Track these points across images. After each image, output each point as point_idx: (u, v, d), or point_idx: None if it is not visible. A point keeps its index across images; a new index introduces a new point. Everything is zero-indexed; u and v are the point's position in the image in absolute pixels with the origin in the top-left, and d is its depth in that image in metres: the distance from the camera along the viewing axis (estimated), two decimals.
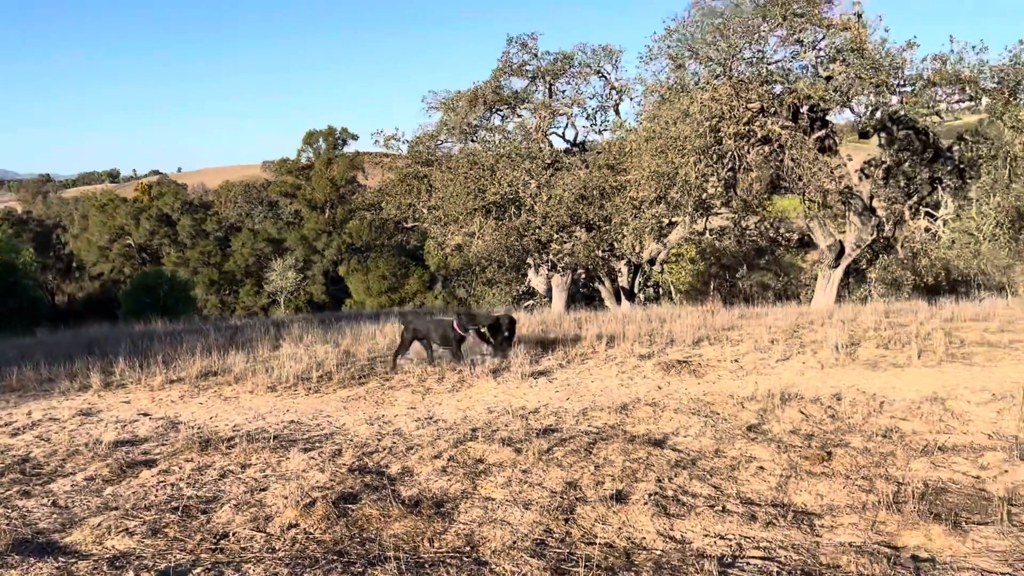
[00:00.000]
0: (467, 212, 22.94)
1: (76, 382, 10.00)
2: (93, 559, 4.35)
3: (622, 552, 4.28)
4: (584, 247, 21.96)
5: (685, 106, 18.86)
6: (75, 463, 6.38)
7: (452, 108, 25.61)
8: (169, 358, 11.01)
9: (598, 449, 6.05)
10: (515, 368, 9.58)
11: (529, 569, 4.03)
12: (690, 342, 10.77)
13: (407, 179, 26.66)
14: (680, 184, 18.82)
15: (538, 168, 22.91)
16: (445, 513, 4.93)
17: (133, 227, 68.57)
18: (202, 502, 5.30)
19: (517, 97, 25.68)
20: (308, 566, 4.10)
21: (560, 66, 25.04)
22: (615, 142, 23.40)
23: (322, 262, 65.62)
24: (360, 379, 9.72)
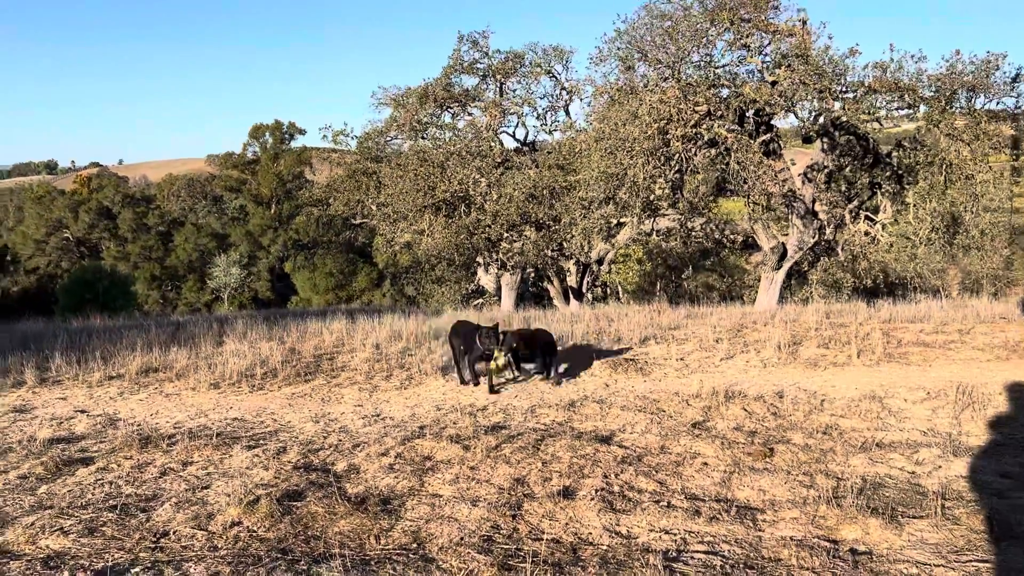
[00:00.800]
0: (416, 209, 22.83)
1: (9, 378, 9.65)
2: (26, 559, 4.22)
3: (569, 547, 4.31)
4: (534, 246, 22.06)
5: (634, 108, 19.03)
6: (7, 461, 6.16)
7: (402, 104, 25.46)
8: (108, 354, 10.70)
9: (546, 446, 6.08)
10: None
11: (476, 565, 4.03)
12: (637, 340, 10.88)
13: (356, 175, 26.43)
14: (628, 185, 19.00)
15: (488, 167, 22.92)
16: (392, 510, 4.90)
17: (71, 220, 66.60)
18: (141, 500, 5.18)
19: (468, 95, 25.65)
20: (251, 564, 4.04)
21: (511, 65, 25.08)
22: (565, 142, 23.55)
23: (268, 258, 64.62)
24: (306, 376, 9.59)
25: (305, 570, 3.92)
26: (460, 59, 24.93)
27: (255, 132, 69.83)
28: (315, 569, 3.94)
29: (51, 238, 66.59)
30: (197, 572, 3.91)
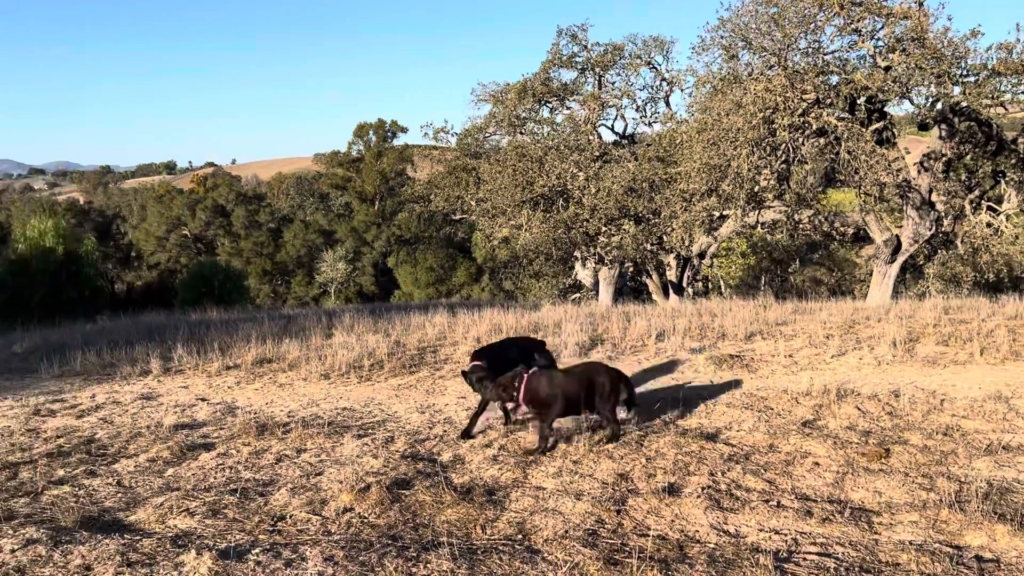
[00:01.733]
0: (515, 204, 22.94)
1: (137, 367, 10.29)
2: (156, 537, 4.49)
3: (675, 544, 4.27)
4: (632, 240, 21.80)
5: (738, 97, 18.55)
6: (137, 445, 6.57)
7: (501, 100, 25.62)
8: (225, 345, 11.24)
9: (649, 442, 6.02)
10: (564, 361, 9.58)
11: (581, 559, 4.03)
12: (742, 337, 10.62)
13: (455, 171, 26.79)
14: (732, 176, 18.54)
15: (587, 160, 22.80)
16: (497, 501, 4.96)
17: (189, 218, 70.14)
18: (259, 485, 5.43)
19: (566, 89, 25.58)
20: (363, 549, 4.17)
21: (610, 57, 24.85)
22: (665, 134, 23.16)
23: (371, 253, 66.31)
24: (411, 368, 9.81)
25: (415, 557, 4.02)
26: (559, 53, 24.88)
27: (359, 131, 71.75)
28: (424, 556, 4.03)
29: (171, 235, 70.30)
30: (313, 555, 4.06)
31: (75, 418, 7.73)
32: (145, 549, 4.25)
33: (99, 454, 6.36)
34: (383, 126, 70.77)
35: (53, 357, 11.11)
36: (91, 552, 4.18)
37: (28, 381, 10.07)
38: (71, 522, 4.76)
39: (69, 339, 13.45)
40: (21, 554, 4.19)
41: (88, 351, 11.17)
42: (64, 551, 4.21)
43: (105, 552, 4.18)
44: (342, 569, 3.89)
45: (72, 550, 4.22)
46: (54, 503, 5.18)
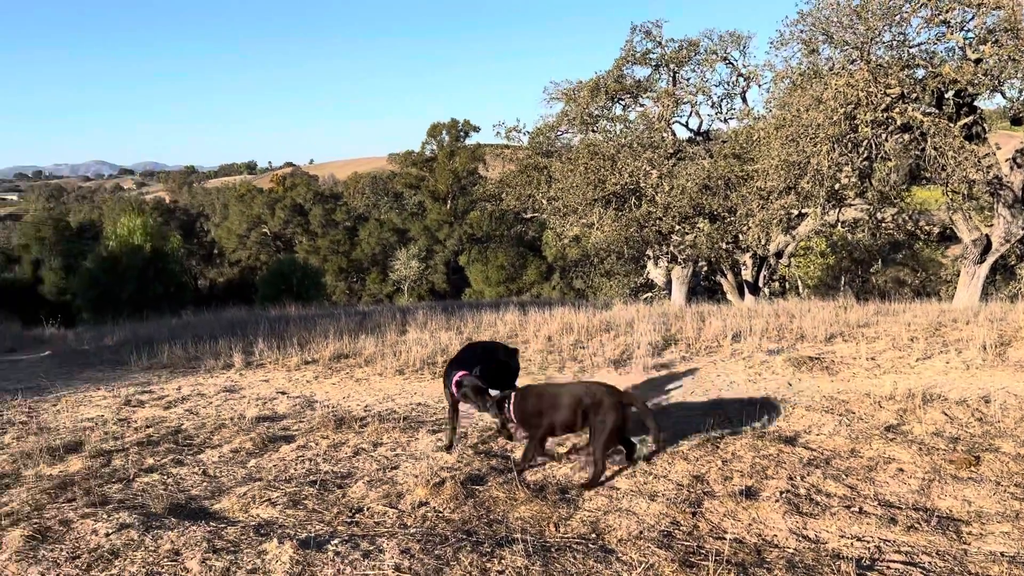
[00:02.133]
0: (586, 203, 22.85)
1: (220, 361, 10.65)
2: (240, 525, 4.64)
3: (753, 548, 4.19)
4: (707, 239, 21.46)
5: (818, 93, 18.06)
6: (221, 436, 6.80)
7: (573, 98, 25.52)
8: (304, 341, 11.53)
9: (726, 444, 5.92)
10: (637, 360, 9.51)
11: (656, 560, 4.00)
12: (822, 338, 10.34)
13: (527, 170, 26.82)
14: (811, 174, 18.07)
15: (660, 158, 22.53)
16: (570, 500, 4.96)
17: (269, 216, 72.20)
18: (337, 477, 5.55)
19: (640, 86, 25.33)
20: (438, 543, 4.22)
21: (685, 53, 24.51)
22: (742, 130, 22.72)
23: (443, 252, 67.07)
24: None
25: (489, 552, 4.06)
26: (633, 50, 24.66)
27: (432, 131, 72.65)
28: (499, 552, 4.06)
29: (251, 233, 72.52)
30: (390, 547, 4.14)
31: (163, 409, 8.05)
32: (229, 537, 4.40)
33: (186, 444, 6.61)
34: (456, 126, 71.46)
35: (142, 350, 11.60)
36: (180, 538, 4.35)
37: (119, 372, 10.53)
38: (160, 509, 4.97)
39: (156, 333, 14.01)
40: (115, 537, 4.39)
41: (174, 345, 11.62)
42: (155, 536, 4.39)
43: (192, 538, 4.34)
44: (418, 562, 3.95)
45: (162, 535, 4.40)
46: (144, 490, 5.41)
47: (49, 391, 9.09)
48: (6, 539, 4.44)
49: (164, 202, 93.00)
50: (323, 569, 3.90)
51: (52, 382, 9.72)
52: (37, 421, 7.61)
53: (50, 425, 7.41)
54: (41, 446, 6.35)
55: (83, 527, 4.58)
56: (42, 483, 5.49)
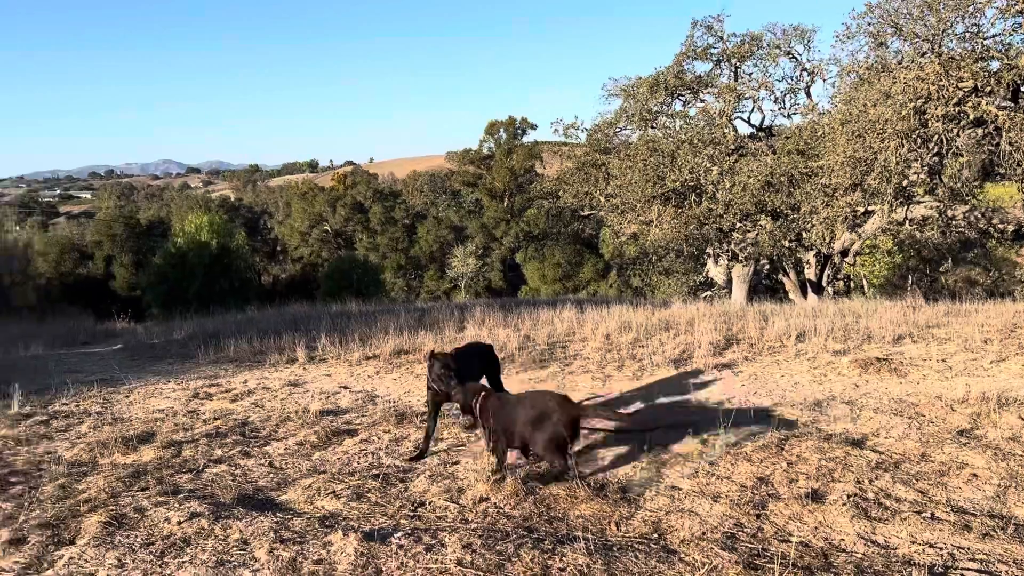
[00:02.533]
0: (645, 200, 22.63)
1: (284, 355, 10.88)
2: (305, 517, 4.74)
3: (819, 552, 4.10)
4: (769, 236, 21.06)
5: (886, 87, 17.57)
6: (286, 429, 6.95)
7: (632, 94, 25.31)
8: (364, 336, 11.70)
9: (790, 446, 5.80)
10: (698, 359, 9.39)
11: (720, 562, 3.95)
12: (890, 339, 10.06)
13: (585, 167, 26.70)
14: (879, 170, 17.60)
15: (721, 154, 22.18)
16: (631, 499, 4.93)
17: (330, 214, 73.40)
18: (399, 471, 5.62)
19: (700, 81, 24.97)
20: (500, 539, 4.24)
21: (747, 48, 24.07)
22: (806, 126, 22.23)
23: (500, 249, 67.28)
24: (541, 363, 9.88)
25: (550, 550, 4.06)
26: (693, 45, 24.34)
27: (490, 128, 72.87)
28: (560, 549, 4.06)
29: (313, 230, 73.83)
30: (451, 542, 4.17)
31: (230, 402, 8.26)
32: (296, 527, 4.50)
33: (252, 436, 6.78)
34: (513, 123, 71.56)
35: (209, 344, 11.92)
36: (248, 527, 4.46)
37: (188, 366, 10.85)
38: (229, 499, 5.10)
39: (222, 328, 14.38)
40: (187, 526, 4.53)
41: (240, 339, 11.91)
42: (224, 525, 4.51)
43: (260, 528, 4.45)
44: (480, 557, 3.97)
45: (231, 525, 4.52)
46: (213, 480, 5.56)
47: (122, 383, 9.41)
48: (85, 524, 4.62)
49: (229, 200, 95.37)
50: (387, 562, 3.95)
51: (124, 374, 10.07)
52: (111, 412, 7.88)
53: (123, 416, 7.67)
54: (116, 436, 6.58)
55: (156, 515, 4.73)
56: (117, 471, 5.69)
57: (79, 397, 8.59)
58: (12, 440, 6.74)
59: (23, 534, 4.48)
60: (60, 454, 6.27)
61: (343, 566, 3.93)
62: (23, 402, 8.04)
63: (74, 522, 4.67)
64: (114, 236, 57.51)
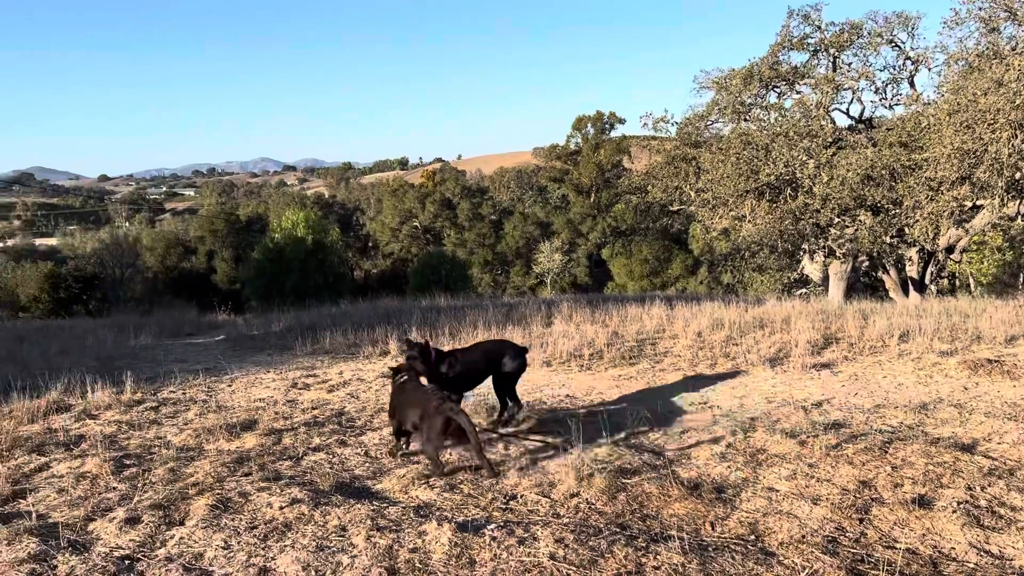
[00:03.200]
0: (738, 194, 22.12)
1: (377, 348, 11.12)
2: (400, 506, 4.83)
3: (927, 560, 3.93)
4: (869, 232, 20.27)
5: (999, 74, 16.66)
6: (380, 420, 7.10)
7: (725, 87, 24.76)
8: (454, 330, 11.85)
9: (895, 449, 5.58)
10: (795, 358, 9.13)
11: (821, 566, 3.83)
12: (1002, 340, 9.55)
13: (674, 161, 26.29)
14: (989, 162, 16.72)
15: (818, 147, 21.46)
16: (726, 499, 4.83)
17: (419, 210, 74.66)
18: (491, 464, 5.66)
19: (796, 72, 24.22)
20: (592, 535, 4.22)
21: (847, 37, 23.21)
22: (909, 117, 21.27)
23: (587, 245, 67.04)
24: (630, 360, 9.79)
25: (644, 547, 4.01)
26: (789, 35, 23.63)
27: (578, 124, 72.64)
28: (654, 548, 4.01)
29: (403, 226, 75.28)
30: (544, 536, 4.18)
31: (326, 392, 8.50)
32: (391, 516, 4.59)
33: (348, 426, 6.96)
34: (601, 118, 71.11)
35: (306, 336, 12.30)
36: (346, 514, 4.58)
37: (286, 357, 11.22)
38: (327, 486, 5.25)
39: (318, 320, 14.81)
40: (288, 511, 4.68)
41: (335, 332, 12.24)
42: (323, 512, 4.65)
43: (357, 515, 4.56)
44: (572, 552, 3.97)
45: (329, 511, 4.65)
46: (312, 468, 5.73)
47: (225, 372, 9.81)
48: (193, 507, 4.83)
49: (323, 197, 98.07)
50: (480, 553, 3.99)
51: (227, 364, 10.49)
52: (216, 400, 8.23)
53: (227, 404, 7.99)
54: (220, 423, 6.87)
55: (259, 500, 4.91)
56: (222, 457, 5.94)
57: (185, 385, 9.00)
58: (125, 424, 7.12)
59: (137, 514, 4.72)
60: (169, 439, 6.58)
61: (438, 555, 3.99)
62: (135, 389, 8.48)
63: (183, 504, 4.89)
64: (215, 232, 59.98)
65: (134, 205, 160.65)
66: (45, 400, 7.79)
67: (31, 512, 4.78)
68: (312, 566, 3.94)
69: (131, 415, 7.47)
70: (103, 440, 6.48)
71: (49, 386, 8.28)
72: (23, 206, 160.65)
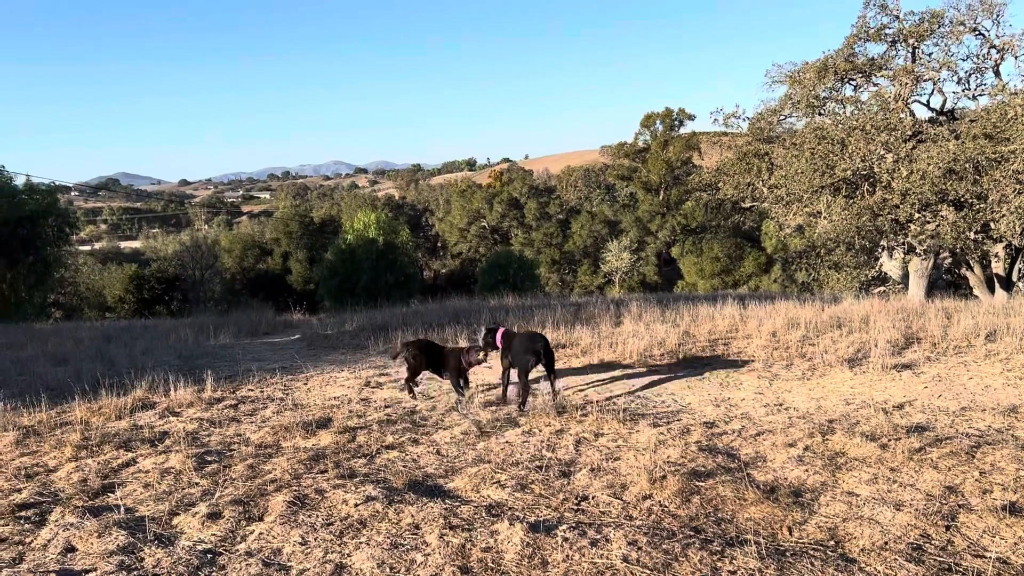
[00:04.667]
0: (812, 190, 21.54)
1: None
2: (472, 505, 4.87)
3: (1020, 570, 3.76)
4: (952, 228, 19.48)
5: None
6: (451, 418, 7.17)
7: (798, 80, 24.12)
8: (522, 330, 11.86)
9: (982, 454, 5.36)
10: (874, 359, 8.85)
11: (905, 574, 3.70)
12: None
13: (746, 157, 25.74)
14: None
15: (897, 140, 20.72)
16: (804, 504, 4.72)
17: (487, 210, 75.02)
18: (562, 464, 5.66)
19: (873, 64, 23.44)
20: (666, 537, 4.18)
21: (927, 26, 22.35)
22: (995, 107, 20.36)
23: (655, 243, 66.29)
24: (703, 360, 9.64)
25: (719, 551, 3.95)
26: (866, 25, 22.89)
27: (646, 121, 71.83)
28: (729, 552, 3.95)
29: (471, 227, 75.77)
30: (616, 538, 4.15)
31: (399, 391, 8.63)
32: (464, 515, 4.63)
33: (420, 424, 7.05)
34: (670, 115, 70.17)
35: (378, 335, 12.50)
36: (419, 512, 4.64)
37: (359, 356, 11.42)
38: (400, 484, 5.33)
39: (390, 320, 15.03)
40: (363, 508, 4.77)
41: (406, 331, 12.41)
42: (396, 510, 4.72)
43: (430, 514, 4.62)
44: (646, 554, 3.94)
45: (403, 509, 4.72)
46: (386, 465, 5.82)
47: (300, 371, 10.05)
48: (272, 503, 4.96)
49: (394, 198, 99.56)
50: (552, 553, 3.99)
51: (302, 363, 10.75)
52: (292, 398, 8.44)
53: (302, 402, 8.19)
54: (296, 421, 7.04)
55: (335, 497, 5.02)
56: (299, 454, 6.08)
57: (263, 384, 9.25)
58: (207, 422, 7.36)
59: (219, 509, 4.88)
60: (248, 436, 6.77)
61: (510, 555, 4.01)
62: (215, 387, 8.76)
63: (262, 500, 5.03)
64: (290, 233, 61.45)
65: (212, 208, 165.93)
66: (131, 397, 8.12)
67: (119, 506, 4.99)
68: (387, 563, 4.00)
69: (212, 412, 7.72)
70: (185, 437, 6.71)
71: (135, 384, 8.63)
72: (109, 211, 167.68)
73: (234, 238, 65.11)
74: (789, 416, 6.81)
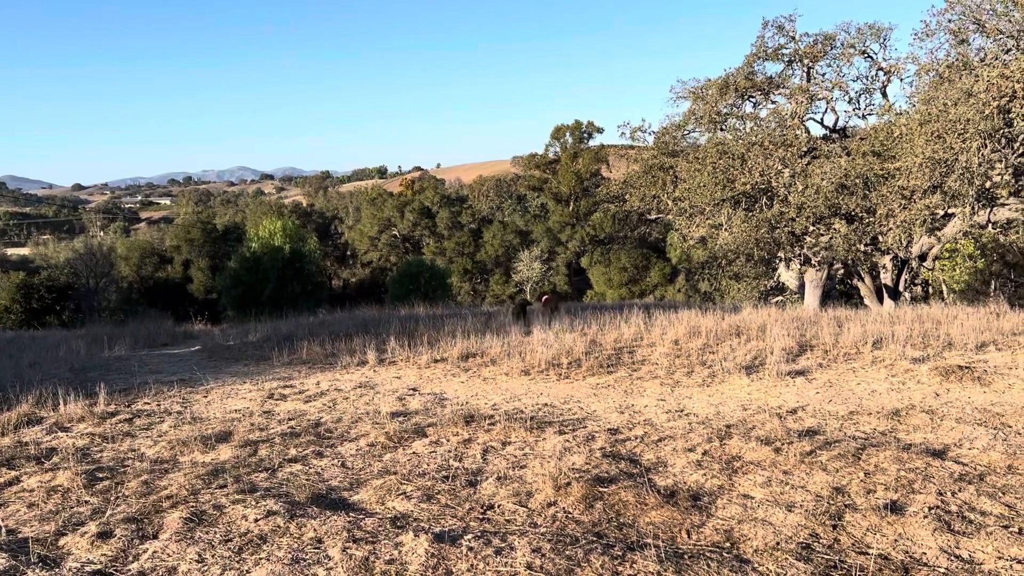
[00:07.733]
0: (714, 203, 22.29)
1: (355, 358, 11.08)
2: (377, 517, 4.81)
3: (899, 565, 3.98)
4: (843, 240, 20.49)
5: (968, 85, 16.95)
6: (358, 430, 7.08)
7: (701, 96, 24.97)
8: (433, 340, 11.84)
9: (867, 455, 5.64)
10: (770, 366, 9.21)
11: (795, 572, 3.86)
12: (972, 347, 9.69)
13: (652, 170, 26.43)
14: (960, 172, 16.98)
15: (793, 156, 21.70)
16: (702, 507, 4.86)
17: (398, 219, 74.42)
18: (468, 474, 5.66)
19: (771, 82, 24.48)
20: (569, 544, 4.23)
21: (820, 48, 23.51)
22: (882, 127, 21.58)
23: (566, 253, 67.15)
24: (608, 368, 9.83)
25: (620, 556, 4.03)
26: (764, 46, 23.89)
27: (556, 133, 72.78)
28: (630, 556, 4.03)
29: (382, 235, 74.98)
30: (521, 546, 4.18)
31: (303, 402, 8.46)
32: (368, 527, 4.58)
33: (325, 436, 6.92)
34: (579, 127, 71.32)
35: (283, 346, 12.24)
36: (322, 526, 4.56)
37: (262, 367, 11.15)
38: (303, 498, 5.22)
39: (295, 330, 14.73)
40: (263, 523, 4.65)
41: (312, 342, 12.19)
42: (299, 524, 4.62)
43: (334, 527, 4.54)
44: (549, 561, 3.98)
45: (305, 523, 4.62)
46: (288, 479, 5.69)
47: (200, 383, 9.73)
48: (167, 520, 4.78)
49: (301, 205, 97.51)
50: (457, 563, 3.99)
51: (203, 375, 10.40)
52: (191, 411, 8.16)
53: (202, 415, 7.92)
54: (195, 435, 6.81)
55: (234, 512, 4.87)
56: (197, 469, 5.88)
57: (160, 397, 8.91)
58: (99, 437, 7.04)
59: (110, 528, 4.67)
60: (143, 451, 6.51)
61: (414, 566, 3.98)
62: (108, 400, 8.38)
63: (157, 517, 4.84)
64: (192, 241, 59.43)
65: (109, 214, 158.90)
66: (16, 412, 7.69)
67: (0, 527, 4.72)
68: None
69: (104, 427, 7.38)
70: (75, 453, 6.40)
71: (20, 398, 8.17)
72: None
73: (132, 245, 62.52)
74: (689, 422, 7.01)
